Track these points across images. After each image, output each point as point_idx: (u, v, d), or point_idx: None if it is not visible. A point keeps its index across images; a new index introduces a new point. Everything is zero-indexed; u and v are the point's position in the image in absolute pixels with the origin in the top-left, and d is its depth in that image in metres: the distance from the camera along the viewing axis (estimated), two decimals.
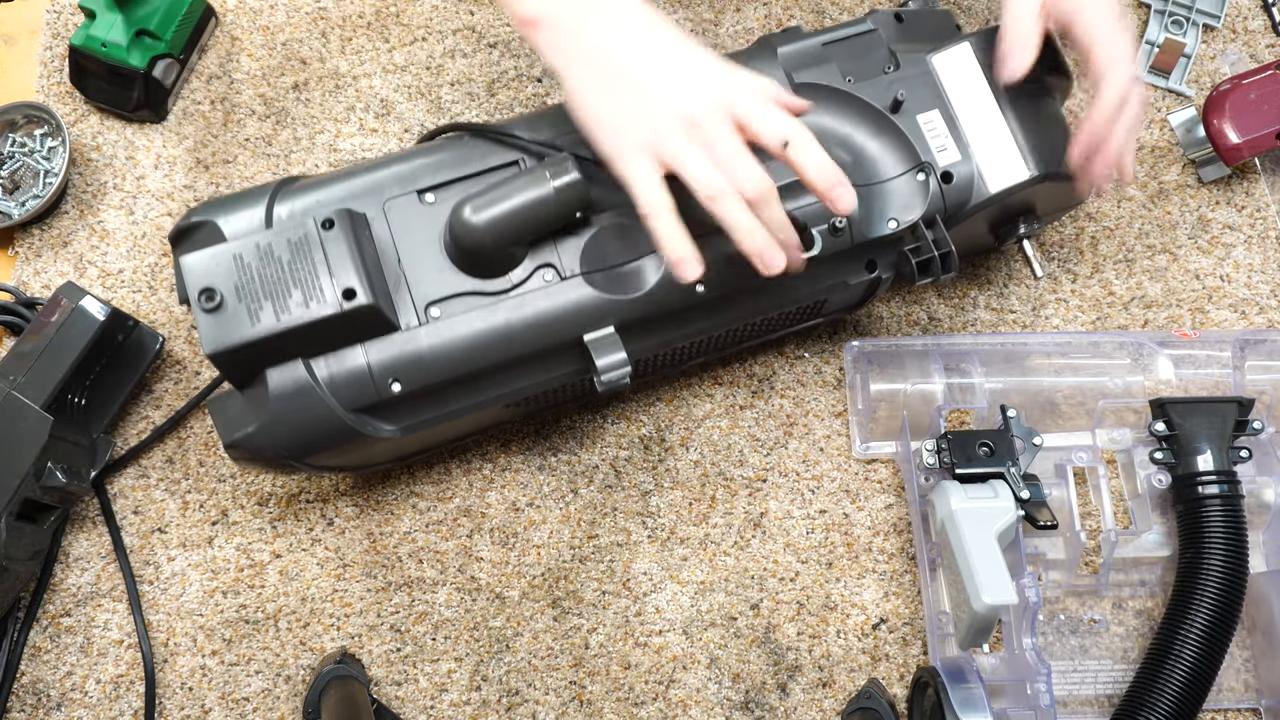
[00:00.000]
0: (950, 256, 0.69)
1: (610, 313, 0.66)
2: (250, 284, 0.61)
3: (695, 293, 0.67)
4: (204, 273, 0.61)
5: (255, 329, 0.60)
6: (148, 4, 0.82)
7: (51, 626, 0.74)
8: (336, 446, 0.66)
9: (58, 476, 0.70)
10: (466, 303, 0.65)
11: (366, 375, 0.64)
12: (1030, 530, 0.73)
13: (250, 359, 0.62)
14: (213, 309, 0.60)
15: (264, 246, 0.61)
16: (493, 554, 0.77)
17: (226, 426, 0.65)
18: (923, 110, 0.70)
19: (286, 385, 0.63)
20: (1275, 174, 0.88)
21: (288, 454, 0.65)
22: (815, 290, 0.72)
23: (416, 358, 0.64)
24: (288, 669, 0.74)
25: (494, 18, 0.90)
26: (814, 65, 0.71)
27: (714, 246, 0.66)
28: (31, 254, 0.83)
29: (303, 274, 0.61)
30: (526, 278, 0.66)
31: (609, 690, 0.74)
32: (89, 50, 0.81)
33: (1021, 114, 0.71)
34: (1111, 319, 0.84)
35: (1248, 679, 0.74)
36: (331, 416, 0.63)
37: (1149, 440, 0.77)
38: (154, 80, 0.83)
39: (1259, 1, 0.93)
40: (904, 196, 0.69)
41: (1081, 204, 0.81)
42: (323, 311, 0.60)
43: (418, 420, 0.67)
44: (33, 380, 0.70)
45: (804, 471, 0.79)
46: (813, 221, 0.68)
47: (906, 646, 0.75)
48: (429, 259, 0.65)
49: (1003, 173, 0.70)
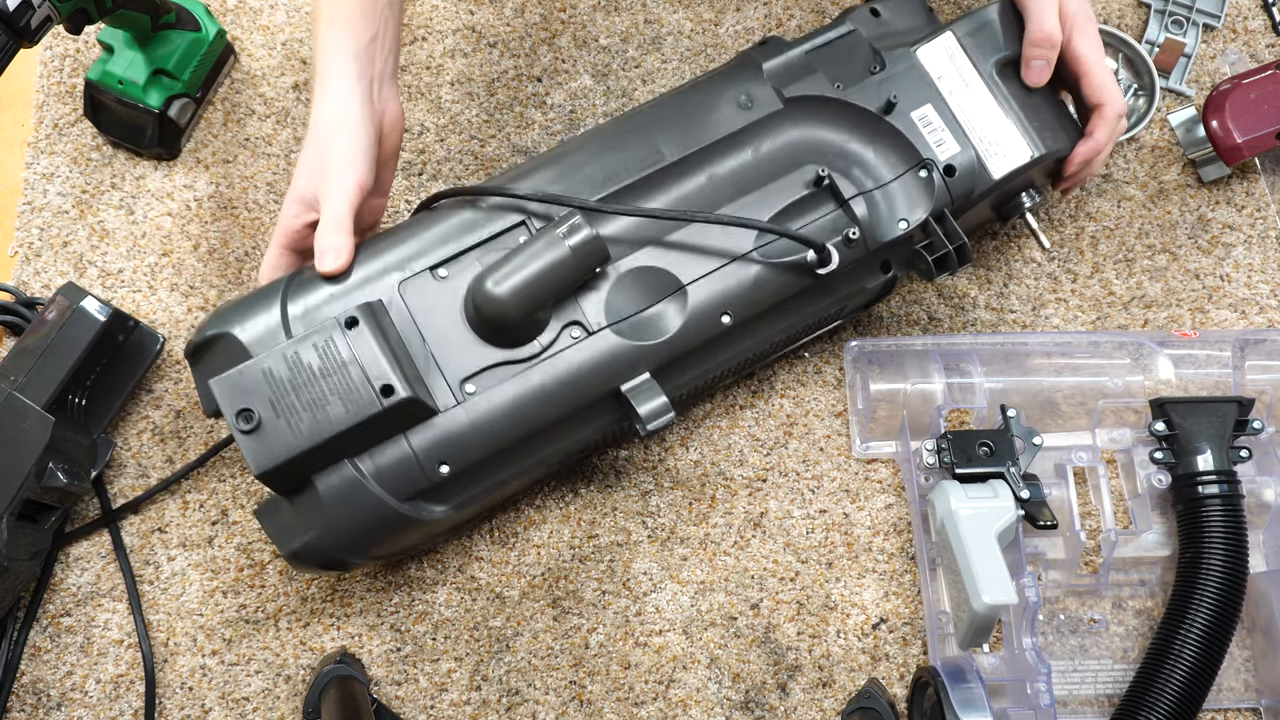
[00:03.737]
0: (964, 248, 0.69)
1: (643, 359, 0.66)
2: (285, 397, 0.60)
3: (722, 324, 0.67)
4: (237, 394, 0.59)
5: (299, 441, 0.59)
6: (168, 43, 0.81)
7: (51, 626, 0.75)
8: (394, 537, 0.65)
9: (59, 477, 0.70)
10: (500, 374, 0.64)
11: (414, 463, 0.63)
12: (1030, 530, 0.73)
13: (297, 469, 0.61)
14: (252, 430, 0.59)
15: (291, 357, 0.60)
16: (492, 554, 0.77)
17: (283, 537, 0.64)
18: (916, 107, 0.70)
19: (338, 488, 0.62)
20: (1275, 174, 0.88)
21: (348, 553, 0.64)
22: (835, 300, 0.72)
23: (460, 438, 0.63)
24: (288, 669, 0.74)
25: (494, 17, 0.90)
26: (801, 77, 0.71)
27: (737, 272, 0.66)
28: (31, 254, 0.83)
29: (336, 379, 0.60)
30: (555, 339, 0.65)
31: (609, 690, 0.74)
32: (105, 86, 0.81)
33: (1013, 92, 0.71)
34: (1111, 319, 0.84)
35: (1248, 679, 0.74)
36: (385, 509, 0.62)
37: (1149, 440, 0.77)
38: (169, 119, 0.82)
39: (1259, 1, 0.93)
40: (910, 196, 0.69)
41: None
42: (364, 414, 0.60)
43: (468, 496, 0.67)
44: (34, 381, 0.70)
45: (804, 471, 0.79)
46: (824, 236, 0.68)
47: (906, 646, 0.75)
48: (454, 335, 0.64)
49: (1005, 157, 0.70)
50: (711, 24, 0.91)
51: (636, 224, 0.67)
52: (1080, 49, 0.70)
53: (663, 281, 0.67)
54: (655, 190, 0.68)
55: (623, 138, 0.69)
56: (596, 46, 0.90)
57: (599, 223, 0.66)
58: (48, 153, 0.86)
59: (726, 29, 0.91)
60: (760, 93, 0.70)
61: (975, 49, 0.71)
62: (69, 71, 0.88)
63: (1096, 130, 0.71)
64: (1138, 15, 0.92)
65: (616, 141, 0.69)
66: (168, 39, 0.81)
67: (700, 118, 0.70)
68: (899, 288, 0.83)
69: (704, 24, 0.91)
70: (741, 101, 0.70)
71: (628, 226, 0.67)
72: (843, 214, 0.69)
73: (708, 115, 0.70)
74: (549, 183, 0.67)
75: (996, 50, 0.71)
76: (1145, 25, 0.91)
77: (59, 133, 0.86)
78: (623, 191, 0.67)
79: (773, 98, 0.70)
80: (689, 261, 0.67)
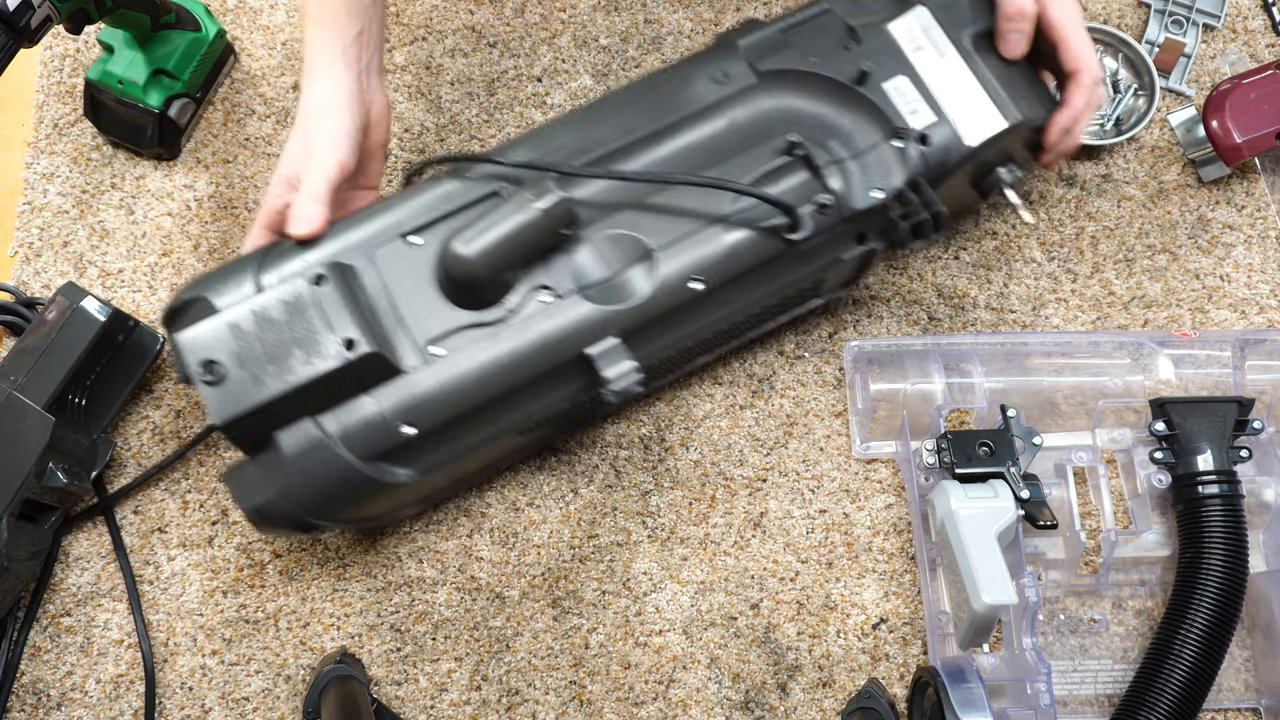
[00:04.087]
0: (941, 215, 0.69)
1: (612, 323, 0.66)
2: (250, 350, 0.60)
3: (691, 290, 0.67)
4: (202, 346, 0.60)
5: (261, 393, 0.60)
6: (168, 43, 0.81)
7: (51, 626, 0.74)
8: (358, 499, 0.65)
9: (59, 477, 0.70)
10: (467, 336, 0.65)
11: (379, 423, 0.63)
12: (1030, 530, 0.73)
13: (260, 424, 0.61)
14: (215, 381, 0.60)
15: (258, 311, 0.61)
16: (493, 554, 0.77)
17: (246, 495, 0.64)
18: (889, 78, 0.71)
19: (299, 444, 0.62)
20: (1275, 174, 0.88)
21: (311, 513, 0.64)
22: (811, 270, 0.72)
23: (426, 398, 0.64)
24: (288, 669, 0.74)
25: (494, 17, 0.90)
26: (776, 53, 0.71)
27: (707, 238, 0.67)
28: (31, 254, 0.83)
29: (301, 332, 0.61)
30: (524, 302, 0.65)
31: (609, 690, 0.74)
32: (105, 85, 0.81)
33: (988, 64, 0.71)
34: (1111, 319, 0.84)
35: (1248, 679, 0.74)
36: (349, 469, 0.63)
37: (1149, 440, 0.77)
38: (169, 120, 0.82)
39: (1259, 1, 0.93)
40: (885, 165, 0.69)
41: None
42: (326, 366, 0.60)
43: (434, 460, 0.67)
44: (33, 381, 0.70)
45: (804, 471, 0.79)
46: (798, 204, 0.68)
47: (906, 646, 0.75)
48: (424, 299, 0.65)
49: (979, 126, 0.70)
50: (711, 24, 0.91)
51: (609, 190, 0.68)
52: (1056, 16, 0.70)
53: (634, 247, 0.67)
54: (630, 160, 0.69)
55: (599, 115, 0.70)
56: (596, 46, 0.90)
57: (573, 188, 0.67)
58: (48, 153, 0.86)
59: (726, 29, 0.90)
60: (735, 68, 0.71)
61: (949, 22, 0.72)
62: (69, 71, 0.88)
63: (1074, 97, 0.71)
64: (1138, 15, 0.92)
65: (593, 119, 0.70)
66: (168, 39, 0.81)
67: (676, 94, 0.70)
68: (899, 288, 0.83)
69: (704, 24, 0.91)
70: (716, 77, 0.71)
71: (601, 192, 0.68)
72: (816, 182, 0.69)
73: (683, 91, 0.71)
74: (526, 156, 0.68)
75: (970, 22, 0.72)
76: (1145, 25, 0.91)
77: (59, 133, 0.86)
78: (598, 161, 0.68)
79: (747, 73, 0.71)
80: (660, 227, 0.67)
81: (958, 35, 0.71)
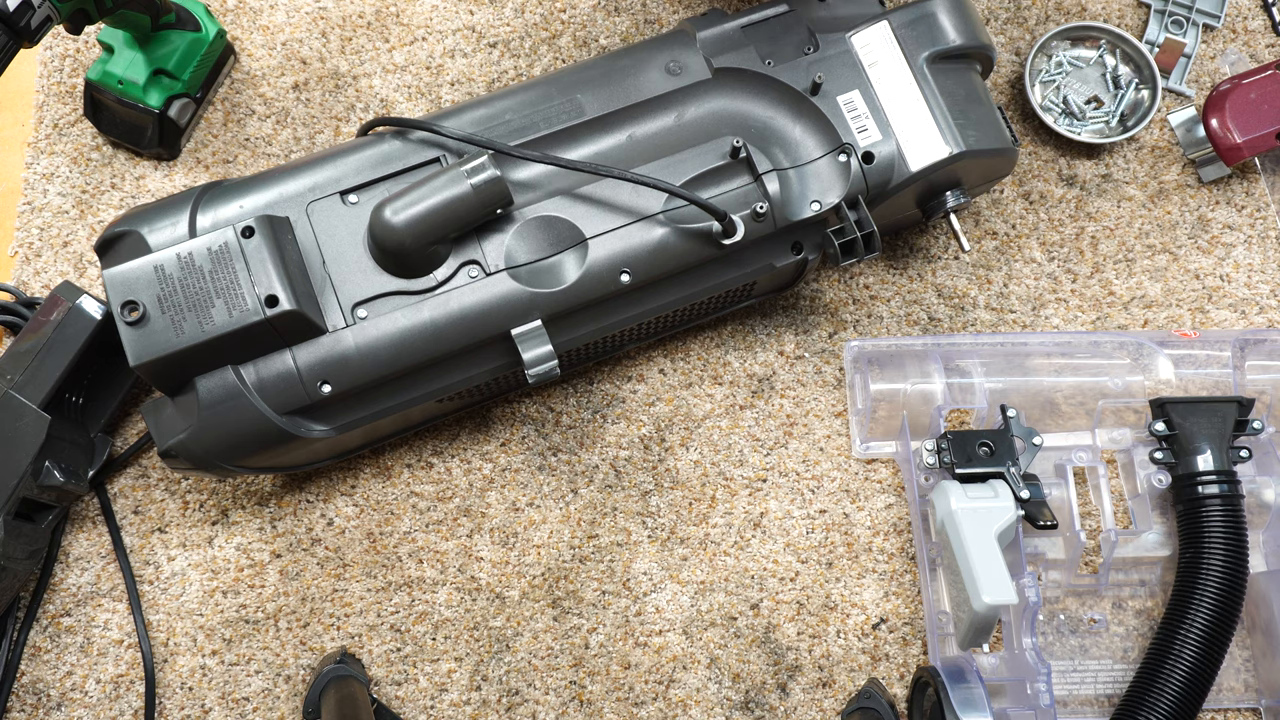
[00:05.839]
0: (873, 237, 0.69)
1: (536, 306, 0.67)
2: (173, 295, 0.61)
3: (620, 282, 0.68)
4: (126, 286, 0.61)
5: (179, 340, 0.61)
6: (167, 43, 0.81)
7: (51, 626, 0.74)
8: (270, 448, 0.66)
9: (55, 475, 0.70)
10: (392, 303, 0.66)
11: (296, 378, 0.64)
12: (1030, 530, 0.73)
13: (178, 369, 0.62)
14: (136, 322, 0.61)
15: (185, 257, 0.62)
16: (493, 554, 0.77)
17: (160, 433, 0.65)
18: (843, 91, 0.71)
19: (216, 392, 0.63)
20: (1275, 174, 0.88)
21: (220, 458, 0.65)
22: (742, 274, 0.72)
23: (344, 359, 0.65)
24: (288, 669, 0.74)
25: (494, 17, 0.90)
26: (732, 49, 0.71)
27: (641, 233, 0.67)
28: (31, 254, 0.83)
29: (224, 283, 0.61)
30: (451, 275, 0.66)
31: (609, 690, 0.74)
32: (105, 86, 0.81)
33: (943, 90, 0.71)
34: (1111, 319, 0.84)
35: (1248, 679, 0.74)
36: (262, 420, 0.64)
37: (1149, 440, 0.77)
38: (169, 119, 0.82)
39: (1259, 1, 0.93)
40: (826, 178, 0.70)
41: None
42: (246, 320, 0.61)
43: (350, 420, 0.68)
44: (30, 379, 0.70)
45: (804, 471, 0.79)
46: (735, 208, 0.68)
47: (906, 646, 0.75)
48: (354, 260, 0.66)
49: (923, 151, 0.70)
50: None
51: (549, 173, 0.68)
52: None
53: (566, 232, 0.67)
54: (574, 143, 0.69)
55: (548, 91, 0.70)
56: (596, 46, 0.90)
57: (512, 167, 0.68)
58: (48, 153, 0.86)
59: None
60: (690, 60, 0.71)
61: (910, 40, 0.71)
62: (69, 71, 0.88)
63: None
64: (1138, 15, 0.92)
65: (542, 94, 0.70)
66: (168, 39, 0.81)
67: (627, 79, 0.71)
68: (899, 288, 0.83)
69: None
70: (670, 67, 0.71)
71: (540, 175, 0.68)
72: (756, 188, 0.69)
73: (635, 77, 0.71)
74: (470, 126, 0.69)
75: (931, 44, 0.72)
76: (1145, 25, 0.91)
77: (59, 133, 0.86)
78: (541, 141, 0.69)
79: (702, 67, 0.71)
80: (595, 216, 0.68)
81: (915, 55, 0.71)
